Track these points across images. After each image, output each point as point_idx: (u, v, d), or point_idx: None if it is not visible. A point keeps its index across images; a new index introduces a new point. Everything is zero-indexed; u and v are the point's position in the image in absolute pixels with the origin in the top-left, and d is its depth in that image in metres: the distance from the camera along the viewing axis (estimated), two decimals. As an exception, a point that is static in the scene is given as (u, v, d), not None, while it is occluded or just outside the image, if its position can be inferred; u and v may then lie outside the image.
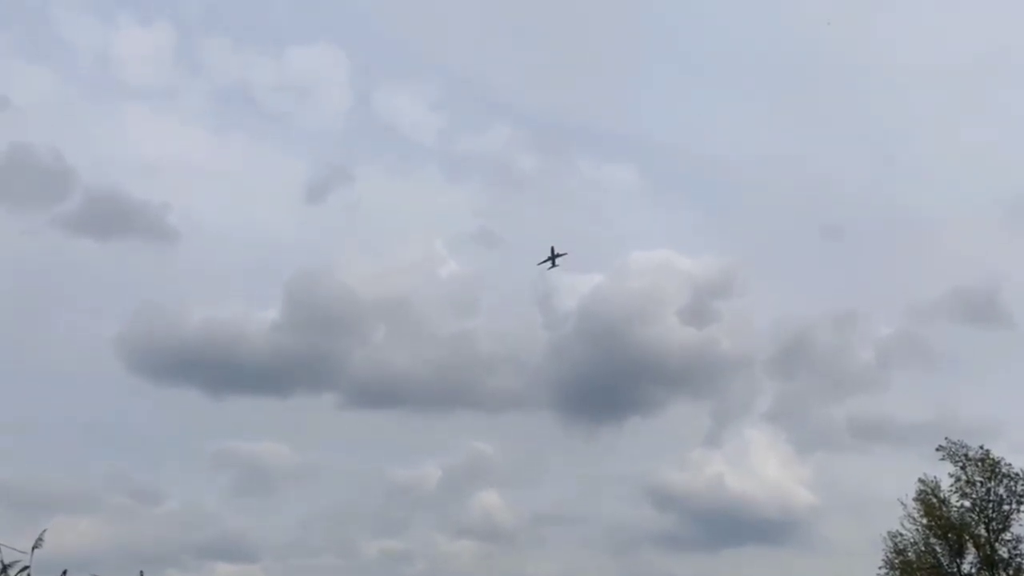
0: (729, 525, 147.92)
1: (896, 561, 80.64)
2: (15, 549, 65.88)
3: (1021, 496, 78.18)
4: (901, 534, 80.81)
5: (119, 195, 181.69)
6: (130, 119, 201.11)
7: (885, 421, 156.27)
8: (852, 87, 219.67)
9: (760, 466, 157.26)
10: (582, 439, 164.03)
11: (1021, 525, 78.10)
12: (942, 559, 79.18)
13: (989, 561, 77.56)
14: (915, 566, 79.64)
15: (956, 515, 79.25)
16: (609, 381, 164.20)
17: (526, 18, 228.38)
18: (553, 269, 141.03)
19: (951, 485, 79.65)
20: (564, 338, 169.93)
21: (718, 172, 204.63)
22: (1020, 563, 77.33)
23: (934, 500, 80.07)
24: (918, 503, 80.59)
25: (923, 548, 79.95)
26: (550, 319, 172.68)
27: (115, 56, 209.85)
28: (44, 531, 66.94)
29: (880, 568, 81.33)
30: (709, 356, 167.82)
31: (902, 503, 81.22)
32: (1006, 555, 77.69)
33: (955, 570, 78.90)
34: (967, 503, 79.28)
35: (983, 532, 78.45)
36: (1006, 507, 78.47)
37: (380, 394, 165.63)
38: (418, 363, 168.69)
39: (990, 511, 78.66)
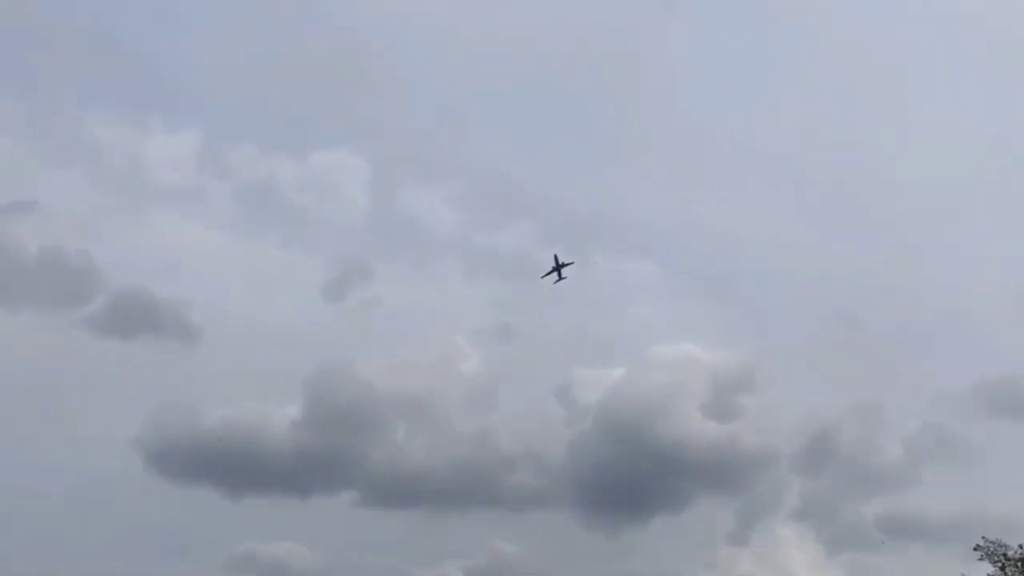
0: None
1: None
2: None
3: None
4: (941, 638, 78.49)
5: (144, 295, 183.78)
6: (157, 220, 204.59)
7: (916, 518, 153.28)
8: (874, 175, 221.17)
9: (789, 566, 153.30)
10: (606, 537, 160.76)
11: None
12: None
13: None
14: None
15: (998, 618, 76.82)
16: (632, 477, 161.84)
17: (543, 115, 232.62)
18: (560, 282, 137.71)
19: (991, 586, 77.49)
20: (585, 434, 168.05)
21: (738, 264, 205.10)
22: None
23: (974, 602, 77.79)
24: (958, 605, 78.35)
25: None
26: (571, 414, 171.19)
27: (144, 160, 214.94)
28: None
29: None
30: (734, 451, 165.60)
31: (941, 605, 79.08)
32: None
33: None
34: (1008, 605, 76.95)
35: (1026, 635, 75.86)
36: (1049, 609, 76.06)
37: (400, 492, 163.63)
38: (438, 460, 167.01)
39: (1033, 613, 76.19)
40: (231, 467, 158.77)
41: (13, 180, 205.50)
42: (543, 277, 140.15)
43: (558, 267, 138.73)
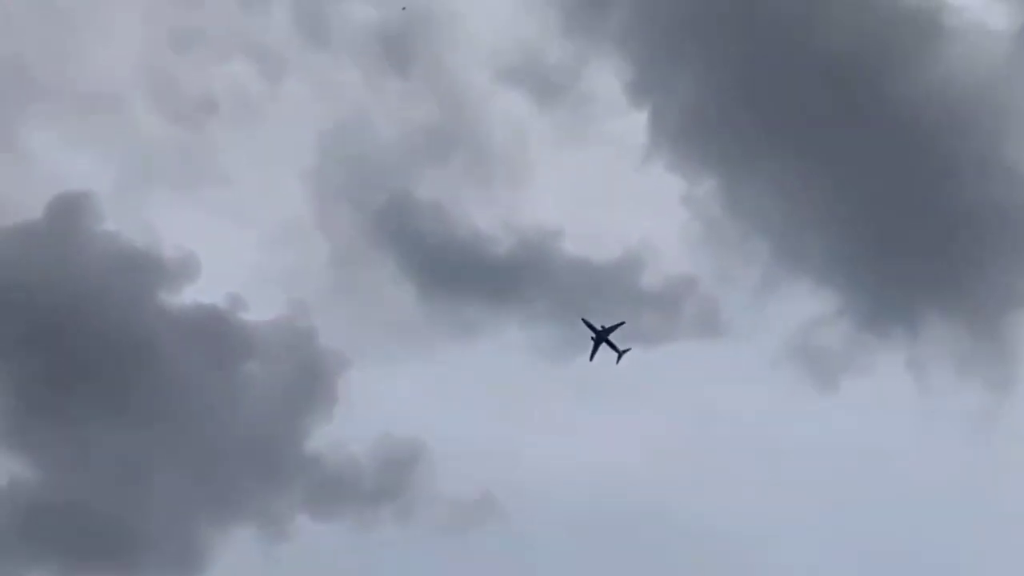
0: None
1: None
2: None
3: None
4: None
5: None
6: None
7: None
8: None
9: None
10: None
11: None
12: None
13: None
14: None
15: None
16: None
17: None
18: (624, 355, 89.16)
19: None
20: None
21: None
22: None
23: None
24: None
25: None
26: None
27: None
28: None
29: None
30: None
31: None
32: None
33: None
34: None
35: None
36: None
37: None
38: None
39: None
40: None
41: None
42: (592, 360, 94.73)
43: (602, 335, 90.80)
